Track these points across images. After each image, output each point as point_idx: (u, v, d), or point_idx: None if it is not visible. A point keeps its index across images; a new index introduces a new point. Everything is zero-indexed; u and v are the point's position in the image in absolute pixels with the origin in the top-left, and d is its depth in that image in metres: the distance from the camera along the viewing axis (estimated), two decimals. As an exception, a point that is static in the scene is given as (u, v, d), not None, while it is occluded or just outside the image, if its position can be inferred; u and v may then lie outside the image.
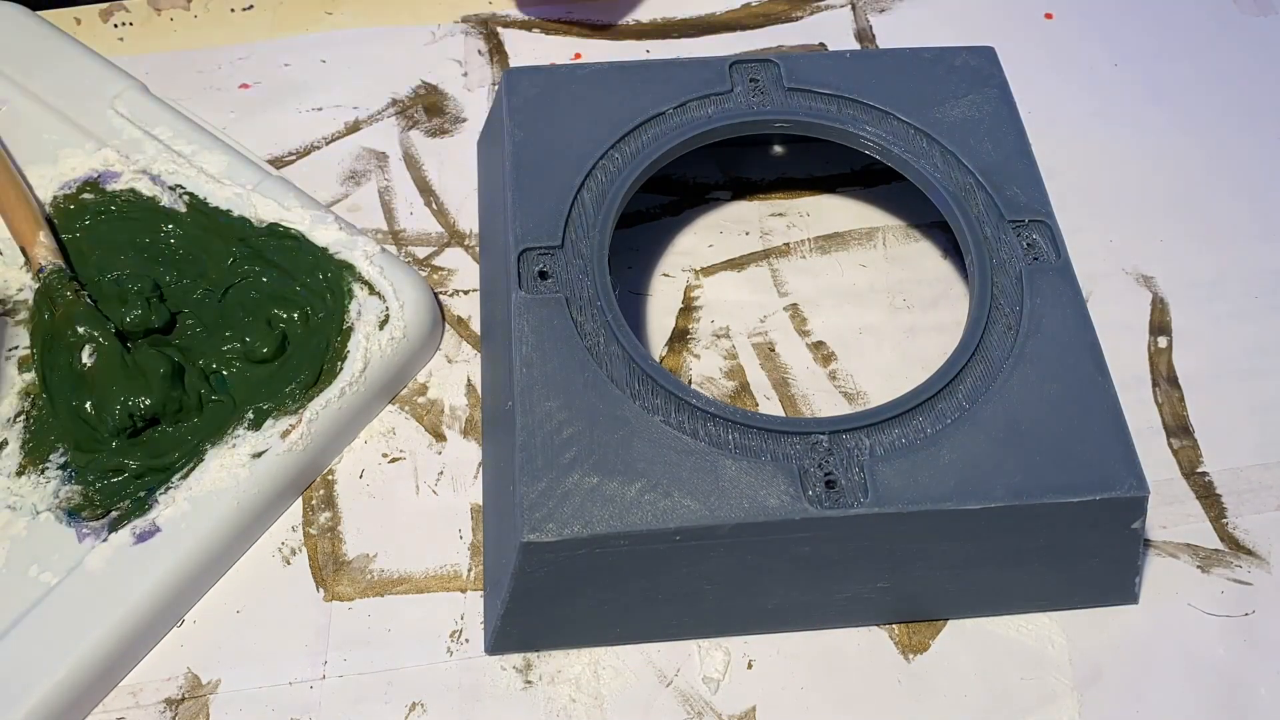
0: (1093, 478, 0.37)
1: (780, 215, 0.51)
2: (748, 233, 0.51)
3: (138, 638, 0.39)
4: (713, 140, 0.45)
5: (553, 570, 0.36)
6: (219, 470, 0.41)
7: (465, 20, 0.58)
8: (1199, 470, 0.45)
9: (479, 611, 0.41)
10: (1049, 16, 0.59)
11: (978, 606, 0.41)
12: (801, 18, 0.59)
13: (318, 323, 0.44)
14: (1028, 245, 0.42)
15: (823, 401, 0.46)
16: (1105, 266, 0.50)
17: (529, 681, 0.40)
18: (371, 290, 0.45)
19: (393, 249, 0.50)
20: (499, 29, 0.58)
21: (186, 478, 0.41)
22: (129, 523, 0.40)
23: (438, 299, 0.48)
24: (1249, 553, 0.43)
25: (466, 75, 0.56)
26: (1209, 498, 0.44)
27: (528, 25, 0.58)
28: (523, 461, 0.37)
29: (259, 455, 0.41)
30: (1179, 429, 0.46)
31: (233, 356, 0.44)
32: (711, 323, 0.48)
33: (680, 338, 0.48)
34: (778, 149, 0.53)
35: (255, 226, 0.46)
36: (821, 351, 0.47)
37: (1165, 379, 0.47)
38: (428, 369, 0.47)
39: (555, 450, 0.37)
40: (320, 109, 0.54)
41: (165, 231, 0.47)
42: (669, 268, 0.50)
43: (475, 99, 0.55)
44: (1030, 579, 0.40)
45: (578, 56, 0.57)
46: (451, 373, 0.47)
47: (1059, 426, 0.38)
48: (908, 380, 0.41)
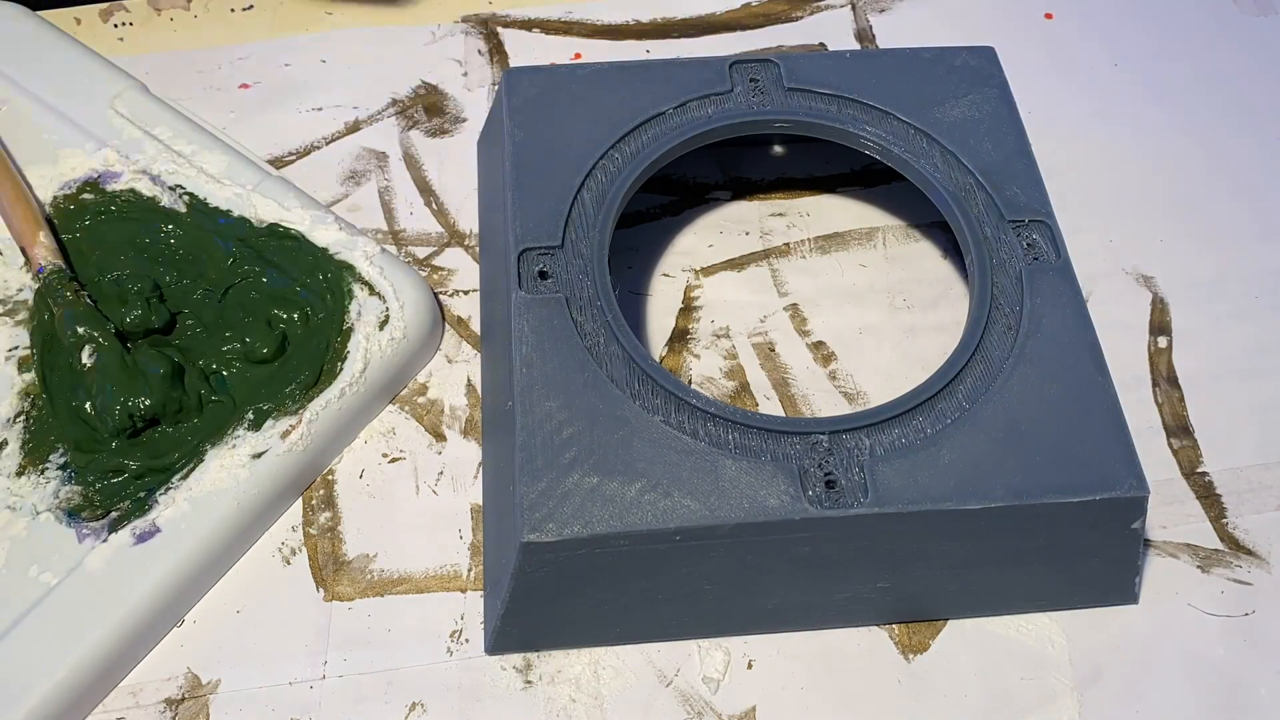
0: (1093, 478, 0.37)
1: (780, 215, 0.51)
2: (748, 233, 0.51)
3: (138, 638, 0.39)
4: (713, 140, 0.45)
5: (553, 570, 0.36)
6: (219, 471, 0.41)
7: (465, 20, 0.58)
8: (1199, 470, 0.45)
9: (479, 611, 0.41)
10: (1049, 16, 0.59)
11: (978, 606, 0.41)
12: (801, 18, 0.59)
13: (318, 323, 0.44)
14: (1028, 245, 0.42)
15: (823, 401, 0.46)
16: (1105, 266, 0.50)
17: (529, 681, 0.40)
18: (371, 290, 0.45)
19: (393, 249, 0.50)
20: (499, 29, 0.58)
21: (186, 478, 0.41)
22: (129, 523, 0.40)
23: (438, 299, 0.48)
24: (1249, 553, 0.43)
25: (466, 75, 0.56)
26: (1209, 498, 0.44)
27: (528, 25, 0.58)
28: (523, 461, 0.37)
29: (259, 456, 0.41)
30: (1179, 429, 0.46)
31: (233, 357, 0.44)
32: (711, 323, 0.48)
33: (680, 338, 0.48)
34: (778, 149, 0.53)
35: (255, 227, 0.46)
36: (821, 351, 0.47)
37: (1165, 379, 0.47)
38: (428, 369, 0.47)
39: (555, 450, 0.37)
40: (320, 109, 0.54)
41: (165, 231, 0.47)
42: (669, 268, 0.50)
43: (475, 99, 0.55)
44: (1030, 579, 0.40)
45: (578, 56, 0.57)
46: (451, 373, 0.47)
47: (1059, 426, 0.38)
48: (908, 380, 0.41)
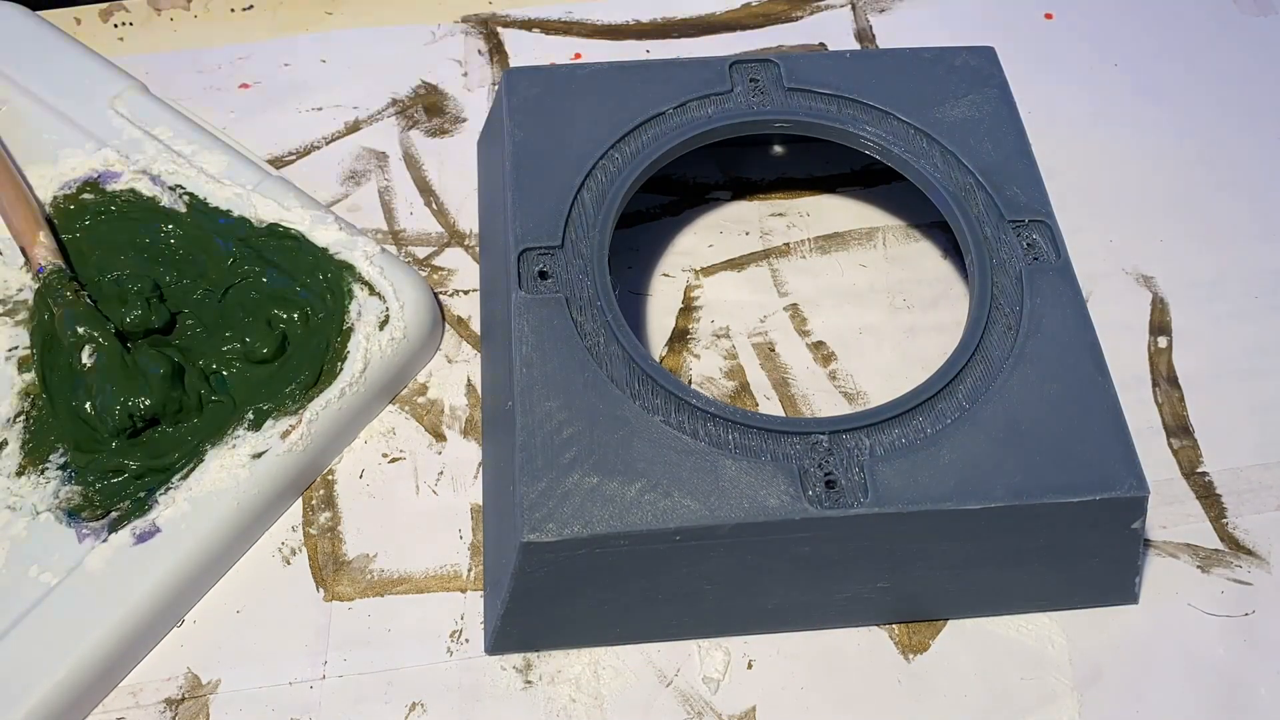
0: (1093, 478, 0.37)
1: (780, 215, 0.51)
2: (748, 233, 0.51)
3: (138, 638, 0.39)
4: (713, 140, 0.45)
5: (553, 570, 0.36)
6: (219, 471, 0.41)
7: (465, 20, 0.58)
8: (1199, 470, 0.45)
9: (479, 611, 0.41)
10: (1049, 16, 0.59)
11: (978, 606, 0.41)
12: (801, 18, 0.59)
13: (318, 323, 0.44)
14: (1028, 245, 0.42)
15: (823, 401, 0.46)
16: (1105, 266, 0.50)
17: (529, 681, 0.40)
18: (371, 290, 0.45)
19: (393, 249, 0.50)
20: (499, 29, 0.58)
21: (186, 478, 0.41)
22: (129, 523, 0.40)
23: (438, 299, 0.48)
24: (1249, 553, 0.43)
25: (466, 75, 0.56)
26: (1209, 498, 0.44)
27: (528, 25, 0.58)
28: (523, 461, 0.37)
29: (259, 456, 0.41)
30: (1179, 429, 0.46)
31: (233, 357, 0.44)
32: (711, 323, 0.48)
33: (680, 338, 0.47)
34: (778, 149, 0.53)
35: (255, 227, 0.46)
36: (821, 351, 0.47)
37: (1165, 379, 0.47)
38: (428, 369, 0.47)
39: (555, 450, 0.37)
40: (320, 109, 0.54)
41: (165, 231, 0.47)
42: (669, 268, 0.50)
43: (475, 99, 0.55)
44: (1030, 579, 0.40)
45: (578, 56, 0.57)
46: (451, 373, 0.47)
47: (1059, 426, 0.38)
48: (908, 380, 0.41)
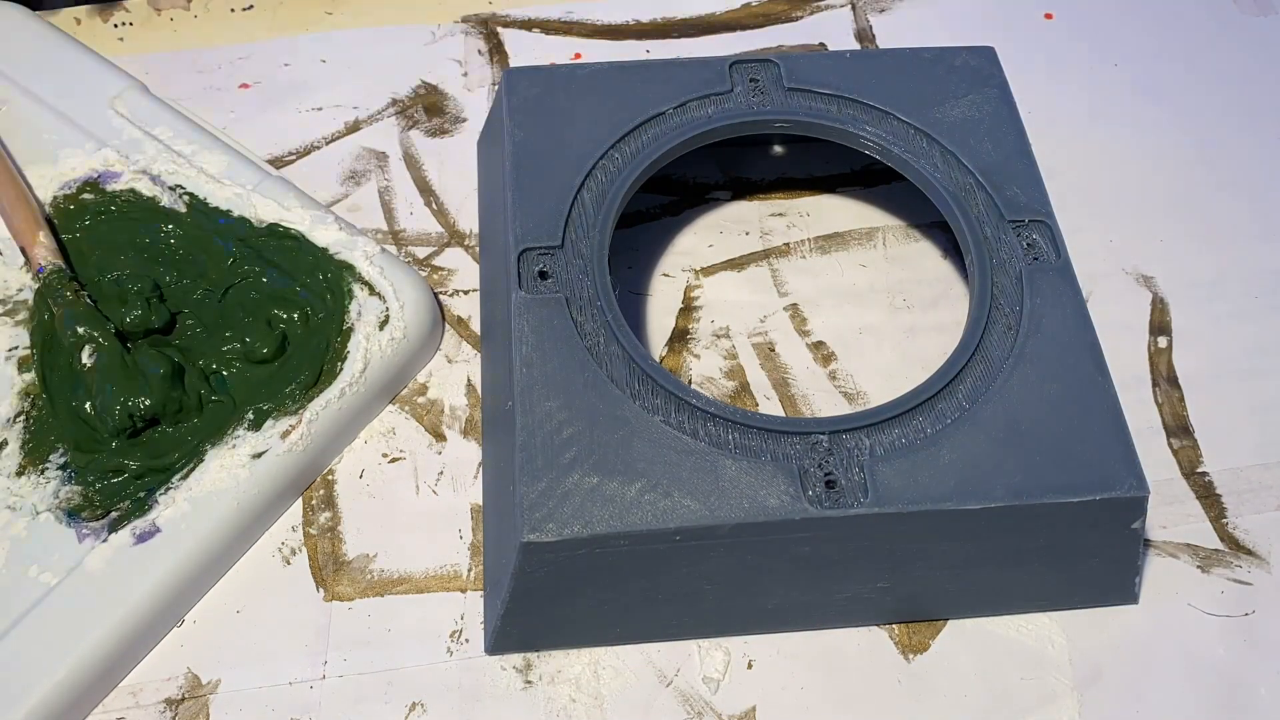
0: (1093, 478, 0.37)
1: (780, 215, 0.51)
2: (748, 233, 0.51)
3: (138, 638, 0.39)
4: (713, 140, 0.45)
5: (553, 570, 0.36)
6: (219, 471, 0.41)
7: (465, 20, 0.58)
8: (1199, 470, 0.45)
9: (479, 611, 0.41)
10: (1049, 16, 0.59)
11: (978, 606, 0.41)
12: (801, 18, 0.59)
13: (318, 323, 0.44)
14: (1028, 245, 0.42)
15: (823, 401, 0.46)
16: (1105, 266, 0.50)
17: (529, 681, 0.40)
18: (372, 291, 0.45)
19: (393, 249, 0.50)
20: (499, 29, 0.58)
21: (186, 478, 0.41)
22: (129, 523, 0.40)
23: (438, 299, 0.48)
24: (1249, 553, 0.43)
25: (466, 75, 0.56)
26: (1209, 498, 0.44)
27: (528, 25, 0.58)
28: (523, 461, 0.37)
29: (259, 456, 0.41)
30: (1179, 429, 0.46)
31: (233, 357, 0.44)
32: (711, 323, 0.48)
33: (680, 338, 0.47)
34: (778, 149, 0.53)
35: (255, 227, 0.46)
36: (821, 351, 0.47)
37: (1165, 379, 0.47)
38: (428, 369, 0.47)
39: (555, 450, 0.37)
40: (320, 109, 0.54)
41: (165, 231, 0.47)
42: (669, 268, 0.50)
43: (475, 99, 0.55)
44: (1030, 579, 0.40)
45: (578, 56, 0.57)
46: (451, 373, 0.47)
47: (1059, 426, 0.38)
48: (908, 380, 0.41)
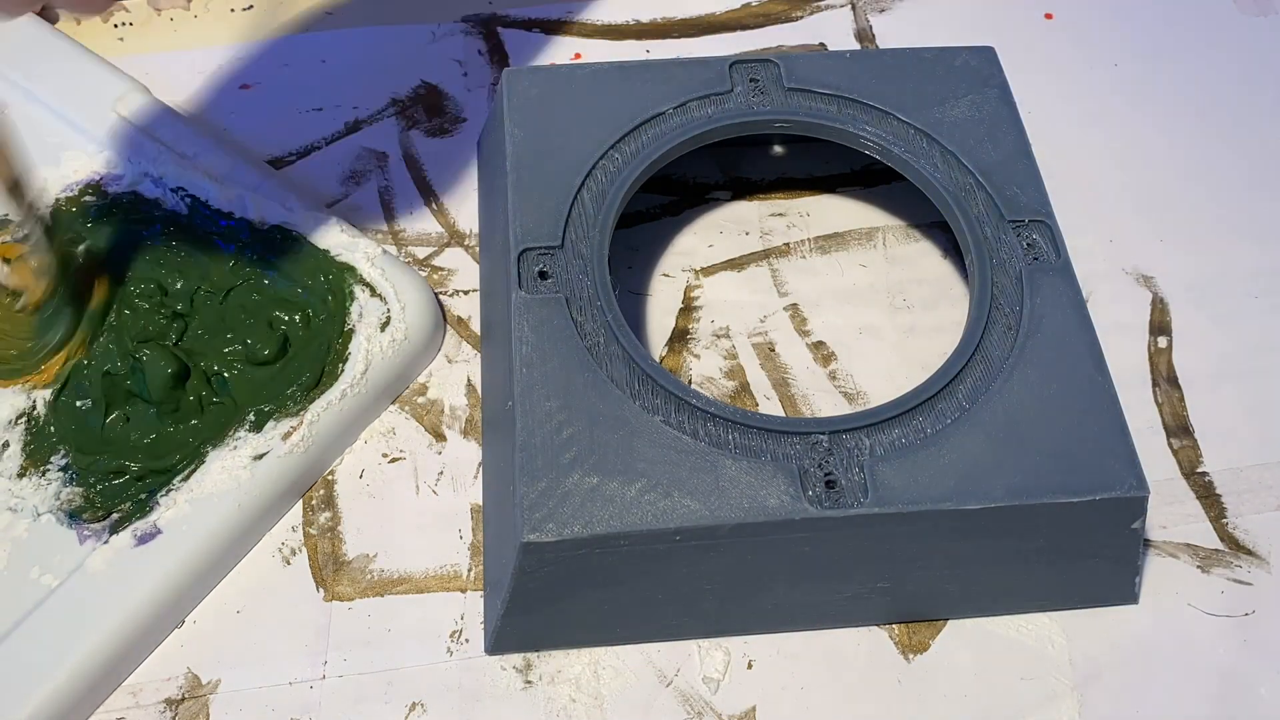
0: (1093, 478, 0.37)
1: (780, 215, 0.51)
2: (748, 233, 0.51)
3: (139, 639, 0.39)
4: (713, 140, 0.45)
5: (553, 570, 0.37)
6: (220, 472, 0.41)
7: (465, 20, 0.58)
8: (1199, 470, 0.45)
9: (479, 611, 0.41)
10: (1049, 16, 0.59)
11: (978, 606, 0.41)
12: (801, 18, 0.59)
13: (319, 325, 0.45)
14: (1028, 245, 0.42)
15: (823, 401, 0.46)
16: (1105, 266, 0.50)
17: (529, 681, 0.40)
18: (373, 292, 0.45)
19: (393, 249, 0.50)
20: (499, 29, 0.58)
21: (188, 480, 0.41)
22: (130, 525, 0.40)
23: (438, 299, 0.48)
24: (1249, 553, 0.43)
25: (466, 75, 0.56)
26: (1209, 498, 0.44)
27: (528, 25, 0.58)
28: (523, 461, 0.37)
29: (260, 457, 0.41)
30: (1179, 429, 0.46)
31: (234, 358, 0.44)
32: (711, 323, 0.48)
33: (680, 338, 0.48)
34: (778, 149, 0.53)
35: (256, 228, 0.46)
36: (821, 351, 0.47)
37: (1165, 379, 0.47)
38: (428, 369, 0.47)
39: (555, 450, 0.37)
40: (320, 109, 0.54)
41: (167, 234, 0.47)
42: (669, 268, 0.50)
43: (475, 99, 0.55)
44: (1030, 579, 0.40)
45: (578, 56, 0.57)
46: (451, 373, 0.47)
47: (1059, 426, 0.38)
48: (908, 380, 0.41)
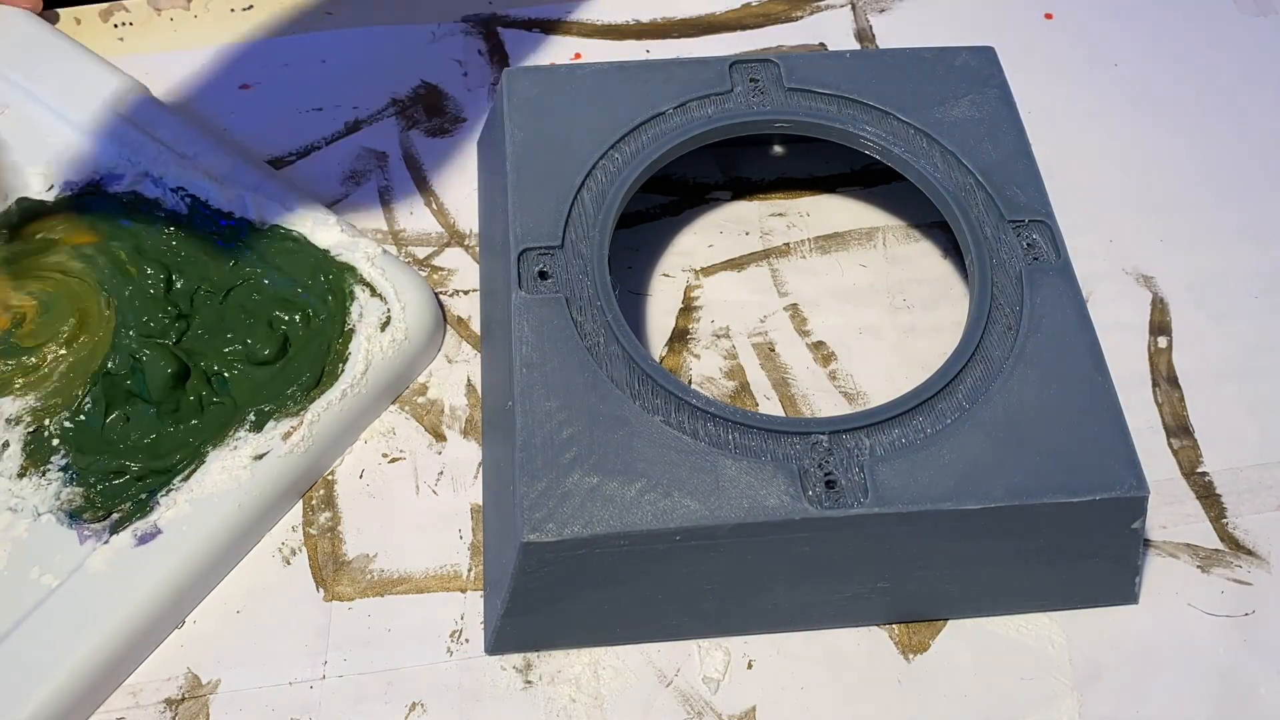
0: (1093, 478, 0.37)
1: (780, 215, 0.51)
2: (748, 233, 0.51)
3: (139, 639, 0.39)
4: (713, 140, 0.45)
5: (553, 570, 0.37)
6: (220, 472, 0.41)
7: (465, 20, 0.58)
8: (1199, 470, 0.45)
9: (479, 611, 0.41)
10: (1049, 16, 0.59)
11: (978, 606, 0.41)
12: (801, 18, 0.59)
13: (319, 324, 0.44)
14: (1028, 245, 0.42)
15: (823, 401, 0.46)
16: (1105, 266, 0.50)
17: (529, 681, 0.40)
18: (373, 292, 0.45)
19: (393, 249, 0.50)
20: (499, 29, 0.58)
21: (188, 480, 0.41)
22: (130, 525, 0.40)
23: (438, 299, 0.48)
24: (1249, 553, 0.43)
25: (466, 75, 0.56)
26: (1209, 498, 0.44)
27: (528, 25, 0.58)
28: (523, 461, 0.37)
29: (260, 457, 0.41)
30: (1179, 429, 0.46)
31: (234, 358, 0.44)
32: (711, 323, 0.48)
33: (680, 338, 0.48)
34: (778, 149, 0.53)
35: (257, 228, 0.46)
36: (821, 351, 0.47)
37: (1165, 379, 0.47)
38: (428, 369, 0.47)
39: (555, 450, 0.37)
40: (320, 109, 0.54)
41: (167, 234, 0.47)
42: (669, 268, 0.50)
43: (475, 99, 0.55)
44: (1030, 579, 0.40)
45: (578, 56, 0.57)
46: (451, 373, 0.47)
47: (1059, 426, 0.38)
48: (908, 380, 0.41)
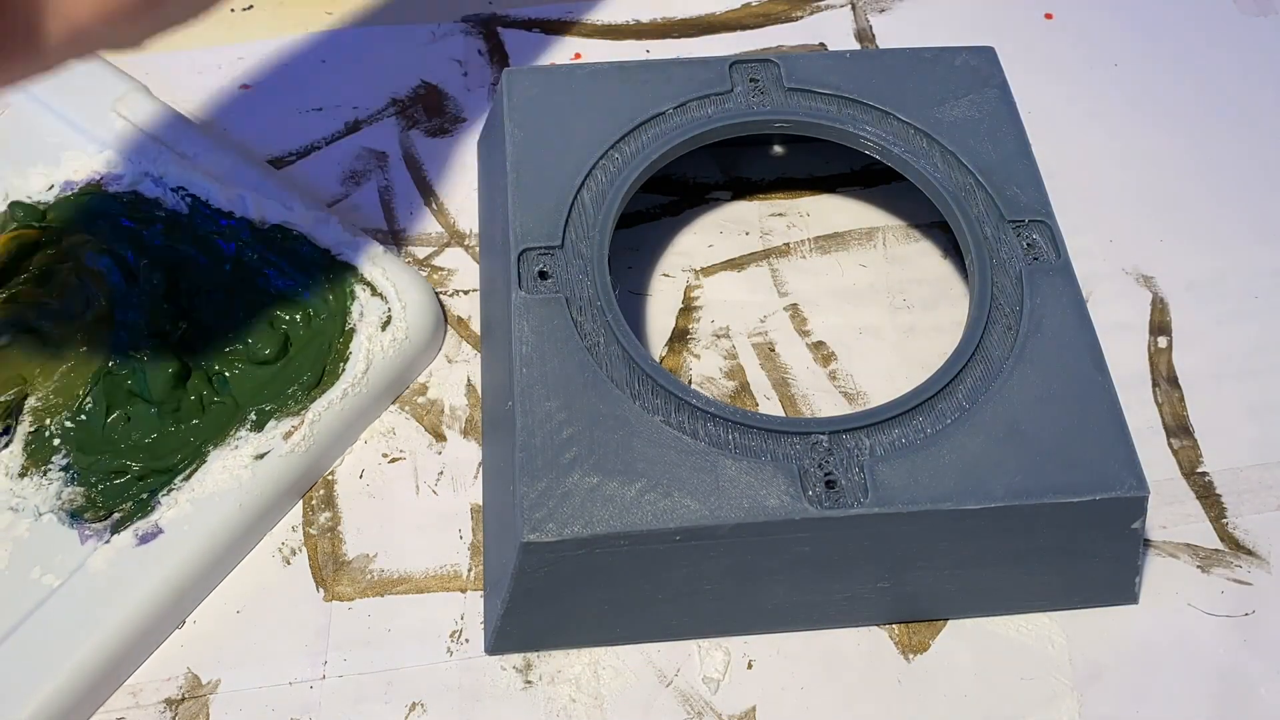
0: (1093, 478, 0.37)
1: (780, 215, 0.51)
2: (748, 233, 0.51)
3: (140, 639, 0.39)
4: (713, 140, 0.45)
5: (553, 570, 0.37)
6: (221, 472, 0.41)
7: (465, 20, 0.58)
8: (1199, 470, 0.45)
9: (479, 611, 0.41)
10: (1049, 16, 0.59)
11: (978, 606, 0.41)
12: (801, 18, 0.59)
13: (320, 324, 0.45)
14: (1028, 245, 0.43)
15: (823, 401, 0.46)
16: (1105, 266, 0.50)
17: (529, 681, 0.40)
18: (374, 291, 0.45)
19: (393, 249, 0.50)
20: (499, 29, 0.58)
21: (189, 479, 0.41)
22: (131, 524, 0.40)
23: (438, 299, 0.48)
24: (1249, 553, 0.43)
25: (466, 75, 0.56)
26: (1209, 498, 0.44)
27: (528, 25, 0.58)
28: (523, 461, 0.37)
29: (261, 457, 0.41)
30: (1179, 429, 0.46)
31: (235, 358, 0.44)
32: (711, 323, 0.48)
33: (680, 338, 0.48)
34: (778, 149, 0.53)
35: (257, 228, 0.47)
36: (821, 351, 0.47)
37: (1165, 379, 0.47)
38: (428, 369, 0.47)
39: (555, 450, 0.37)
40: (320, 109, 0.54)
41: (168, 234, 0.47)
42: (669, 268, 0.50)
43: (475, 99, 0.55)
44: (1030, 579, 0.40)
45: (578, 56, 0.57)
46: (451, 373, 0.47)
47: (1059, 426, 0.38)
48: (908, 380, 0.41)
